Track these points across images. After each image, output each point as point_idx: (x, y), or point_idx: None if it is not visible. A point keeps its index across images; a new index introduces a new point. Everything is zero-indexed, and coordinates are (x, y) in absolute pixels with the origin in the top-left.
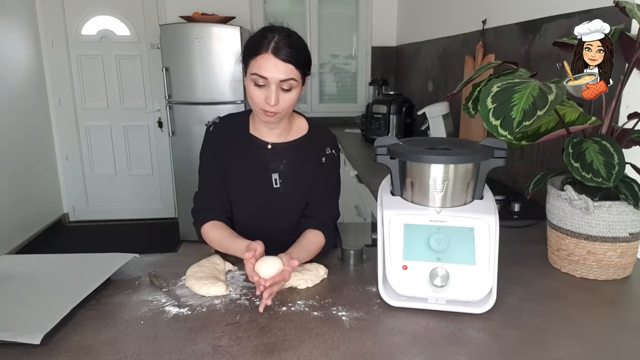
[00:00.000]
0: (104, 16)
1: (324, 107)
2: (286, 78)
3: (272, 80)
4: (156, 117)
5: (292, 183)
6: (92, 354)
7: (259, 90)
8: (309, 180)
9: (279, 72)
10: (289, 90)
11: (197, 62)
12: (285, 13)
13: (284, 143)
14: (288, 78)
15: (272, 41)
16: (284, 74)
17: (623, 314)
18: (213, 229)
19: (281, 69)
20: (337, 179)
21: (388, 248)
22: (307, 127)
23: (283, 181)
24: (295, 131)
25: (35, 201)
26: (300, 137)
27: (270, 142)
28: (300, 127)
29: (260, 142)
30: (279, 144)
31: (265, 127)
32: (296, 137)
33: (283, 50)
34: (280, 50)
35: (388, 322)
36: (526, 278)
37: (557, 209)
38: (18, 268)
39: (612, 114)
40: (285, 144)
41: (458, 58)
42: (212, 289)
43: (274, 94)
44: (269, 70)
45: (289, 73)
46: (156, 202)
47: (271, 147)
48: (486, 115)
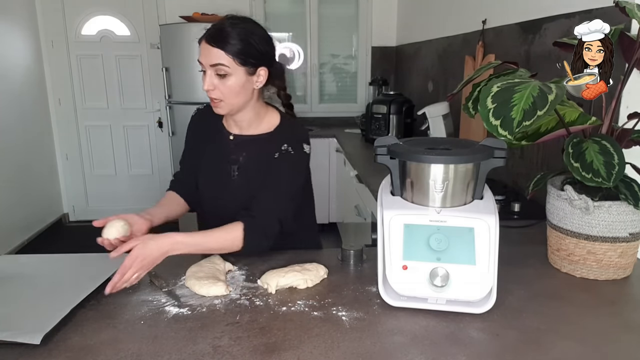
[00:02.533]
0: (104, 16)
1: (324, 107)
2: (215, 63)
3: (205, 65)
4: (156, 117)
5: (247, 176)
6: (92, 354)
7: (203, 79)
8: (264, 174)
9: (209, 57)
10: (223, 77)
11: (197, 62)
12: (285, 13)
13: (245, 136)
14: (216, 63)
15: (212, 29)
16: (214, 58)
17: (623, 314)
18: (165, 196)
19: (211, 53)
20: (287, 178)
21: (388, 248)
22: (278, 123)
23: (239, 173)
24: (264, 125)
25: (35, 201)
26: (266, 132)
27: (233, 134)
28: (271, 123)
29: (225, 133)
30: (240, 136)
31: (232, 120)
32: (262, 131)
33: (214, 37)
34: (212, 37)
35: (388, 322)
36: (526, 278)
37: (557, 209)
38: (18, 268)
39: (612, 114)
40: (247, 137)
41: (458, 58)
42: (212, 289)
43: (207, 78)
44: (202, 55)
45: (218, 58)
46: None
47: (233, 139)
48: (486, 115)
